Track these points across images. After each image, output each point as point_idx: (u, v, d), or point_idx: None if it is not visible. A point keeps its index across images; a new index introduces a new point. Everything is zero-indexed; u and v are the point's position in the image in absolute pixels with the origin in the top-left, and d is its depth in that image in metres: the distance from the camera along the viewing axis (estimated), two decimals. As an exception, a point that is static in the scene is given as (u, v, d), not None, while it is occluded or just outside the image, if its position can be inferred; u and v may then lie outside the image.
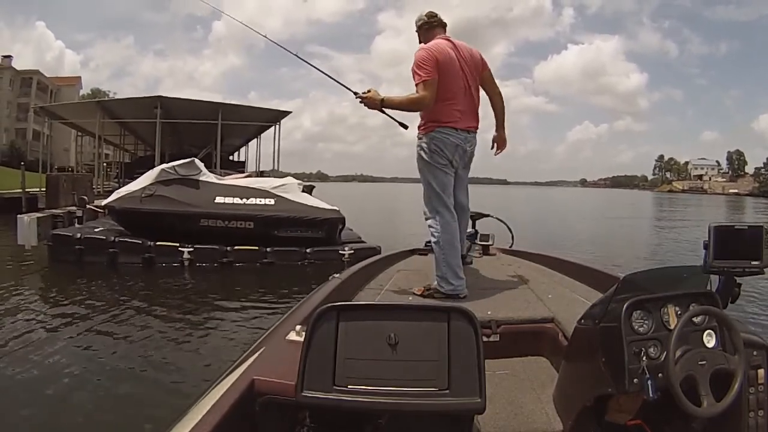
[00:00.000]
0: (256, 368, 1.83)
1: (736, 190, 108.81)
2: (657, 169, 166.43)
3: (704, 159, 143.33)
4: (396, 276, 3.85)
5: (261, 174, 24.76)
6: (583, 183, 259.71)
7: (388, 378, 1.55)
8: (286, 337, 2.14)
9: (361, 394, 1.54)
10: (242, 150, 37.37)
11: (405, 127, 3.71)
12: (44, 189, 17.69)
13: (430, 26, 3.65)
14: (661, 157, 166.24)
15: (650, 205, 57.98)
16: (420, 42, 3.66)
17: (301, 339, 1.65)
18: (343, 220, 12.10)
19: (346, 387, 1.55)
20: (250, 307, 8.31)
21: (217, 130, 23.52)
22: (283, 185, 12.22)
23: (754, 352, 1.80)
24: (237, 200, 11.53)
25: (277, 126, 26.83)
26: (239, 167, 29.78)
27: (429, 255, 4.24)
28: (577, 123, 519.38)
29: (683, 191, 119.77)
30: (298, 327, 2.18)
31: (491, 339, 2.68)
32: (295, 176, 14.26)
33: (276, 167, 27.48)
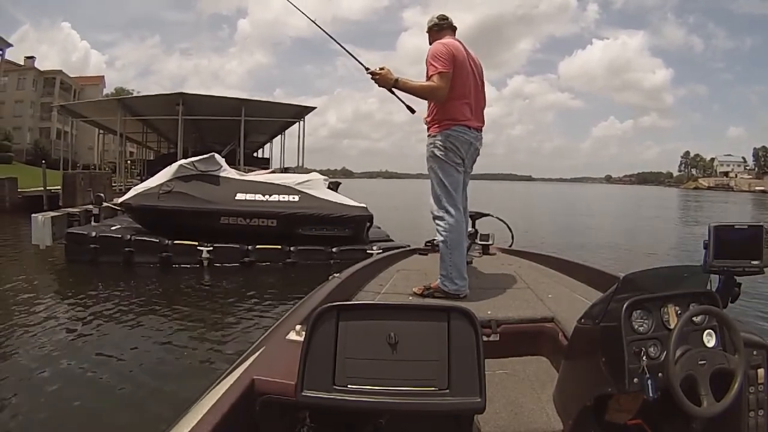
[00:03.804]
0: (256, 368, 1.85)
1: (762, 188, 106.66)
2: (682, 165, 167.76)
3: (730, 155, 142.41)
4: (396, 276, 3.83)
5: (285, 171, 24.53)
6: (608, 179, 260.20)
7: (388, 378, 1.56)
8: (286, 337, 2.15)
9: (361, 394, 1.54)
10: (266, 147, 37.38)
11: (412, 111, 3.70)
12: (63, 188, 17.34)
13: (440, 28, 3.71)
14: (687, 153, 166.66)
15: (677, 202, 56.62)
16: (431, 42, 3.69)
17: (301, 339, 1.66)
18: (370, 218, 11.57)
19: (346, 387, 1.56)
20: (271, 309, 7.89)
21: (241, 127, 23.27)
22: (307, 181, 11.71)
23: (754, 352, 1.81)
24: (259, 197, 11.05)
25: (302, 122, 26.62)
26: (263, 164, 29.90)
27: (429, 255, 4.42)
28: (603, 119, 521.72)
29: (709, 188, 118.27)
30: (298, 327, 2.20)
31: (491, 339, 2.68)
32: (320, 173, 13.76)
33: (300, 164, 27.29)
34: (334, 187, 12.75)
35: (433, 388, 1.55)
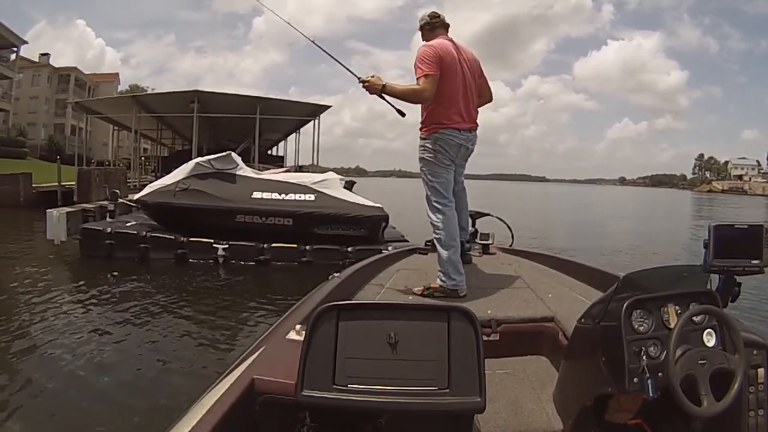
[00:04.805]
0: (256, 367, 1.85)
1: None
2: (696, 168, 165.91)
3: (744, 158, 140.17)
4: (396, 275, 3.83)
5: (300, 169, 24.58)
6: (622, 181, 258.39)
7: (388, 377, 1.56)
8: (286, 337, 2.16)
9: (361, 394, 1.54)
10: (281, 144, 37.58)
11: (402, 114, 3.82)
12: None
13: (431, 27, 3.76)
14: (701, 156, 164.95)
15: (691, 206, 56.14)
16: (423, 41, 3.76)
17: (301, 338, 1.66)
18: (386, 218, 11.48)
19: (346, 386, 1.56)
20: (285, 307, 7.69)
21: (256, 125, 23.30)
22: (324, 180, 11.66)
23: (754, 352, 1.81)
24: (275, 195, 10.97)
25: (317, 120, 26.74)
26: (278, 162, 29.98)
27: (429, 254, 4.37)
28: (617, 121, 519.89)
29: (723, 191, 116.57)
30: (298, 326, 2.20)
31: (491, 338, 2.69)
32: (334, 171, 13.80)
33: (315, 162, 27.28)
34: (348, 186, 12.68)
35: (433, 388, 1.55)
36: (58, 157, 22.05)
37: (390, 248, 10.36)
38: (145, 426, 4.03)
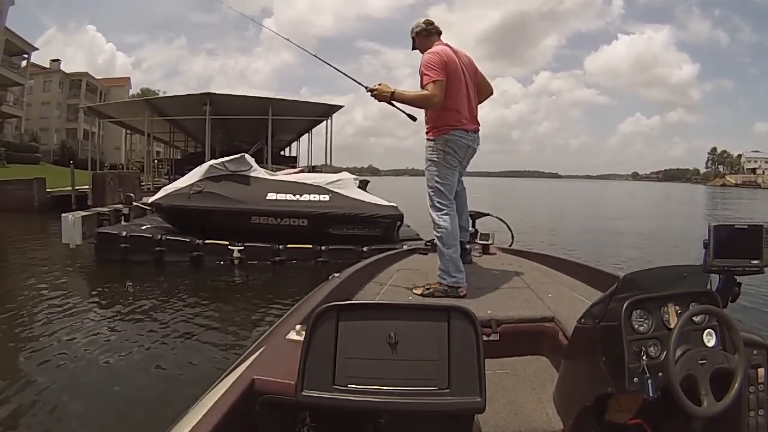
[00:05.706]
0: (256, 368, 1.85)
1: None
2: (709, 162, 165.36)
3: (758, 152, 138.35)
4: (396, 275, 3.84)
5: (313, 169, 24.56)
6: (635, 176, 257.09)
7: (388, 377, 1.56)
8: (286, 337, 2.16)
9: (361, 394, 1.54)
10: (293, 145, 37.78)
11: (413, 119, 3.83)
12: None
13: (428, 33, 3.85)
14: (714, 149, 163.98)
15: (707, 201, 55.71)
16: (414, 48, 3.92)
17: (302, 338, 1.66)
18: (401, 218, 11.41)
19: (346, 386, 1.56)
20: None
21: (268, 126, 23.27)
22: (338, 180, 11.59)
23: (754, 351, 1.81)
24: (290, 196, 10.94)
25: (329, 120, 26.71)
26: (291, 162, 30.10)
27: (429, 254, 4.39)
28: (629, 115, 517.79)
29: (736, 185, 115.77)
30: (298, 326, 2.21)
31: (491, 338, 2.69)
32: (347, 171, 13.76)
33: (328, 162, 27.35)
34: (363, 186, 12.61)
35: (433, 388, 1.55)
36: (72, 161, 22.15)
37: (405, 247, 10.34)
38: (148, 424, 4.03)
